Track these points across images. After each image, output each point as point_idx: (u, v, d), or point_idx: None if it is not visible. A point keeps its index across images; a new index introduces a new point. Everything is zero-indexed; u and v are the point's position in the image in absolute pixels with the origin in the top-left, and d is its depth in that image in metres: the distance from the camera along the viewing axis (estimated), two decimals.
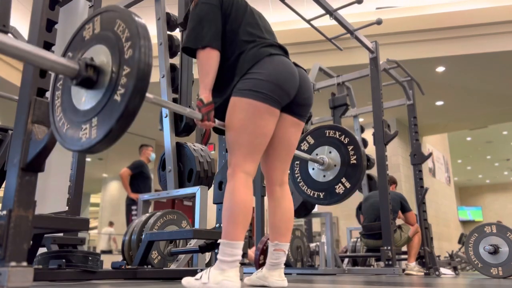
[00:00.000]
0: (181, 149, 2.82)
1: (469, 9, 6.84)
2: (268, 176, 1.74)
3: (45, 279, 1.70)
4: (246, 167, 1.55)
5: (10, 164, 1.24)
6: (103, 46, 1.04)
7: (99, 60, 1.03)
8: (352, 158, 2.26)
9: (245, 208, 1.50)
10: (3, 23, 1.94)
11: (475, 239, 3.45)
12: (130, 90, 0.93)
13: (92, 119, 0.99)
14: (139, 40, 0.95)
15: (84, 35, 1.12)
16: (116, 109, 0.94)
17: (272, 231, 1.71)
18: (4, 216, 1.15)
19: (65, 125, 1.07)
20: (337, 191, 2.27)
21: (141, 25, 0.98)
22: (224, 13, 1.68)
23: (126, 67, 0.95)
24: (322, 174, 2.34)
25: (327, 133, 2.36)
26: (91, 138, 0.97)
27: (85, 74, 1.00)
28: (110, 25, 1.05)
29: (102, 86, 1.00)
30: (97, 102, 0.99)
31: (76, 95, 1.07)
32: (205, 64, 1.58)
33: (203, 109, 1.53)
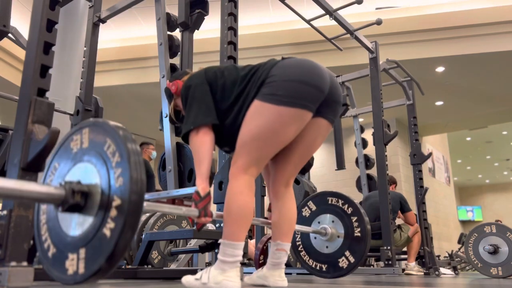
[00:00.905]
0: (181, 149, 2.82)
1: (469, 9, 6.84)
2: (276, 175, 1.69)
3: (45, 279, 1.70)
4: (251, 170, 1.51)
5: (10, 164, 1.24)
6: (91, 166, 0.96)
7: (87, 182, 0.95)
8: (356, 231, 2.17)
9: (247, 209, 1.48)
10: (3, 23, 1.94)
11: (475, 239, 3.46)
12: (120, 226, 0.85)
13: (80, 250, 0.91)
14: (130, 169, 0.87)
15: (71, 147, 1.03)
16: (106, 246, 0.86)
17: (274, 230, 1.69)
18: (5, 216, 1.15)
19: (51, 249, 0.99)
20: (340, 265, 2.17)
21: (133, 150, 0.90)
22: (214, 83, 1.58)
23: (116, 198, 0.88)
24: (325, 244, 2.23)
25: (329, 201, 2.26)
26: (78, 273, 0.90)
27: (72, 201, 0.92)
28: (100, 143, 0.96)
29: (91, 211, 0.92)
30: (86, 231, 0.91)
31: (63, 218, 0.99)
32: (198, 152, 1.49)
33: (200, 204, 1.43)
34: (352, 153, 5.86)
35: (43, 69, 1.36)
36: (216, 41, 2.72)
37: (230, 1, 2.46)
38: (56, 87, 3.84)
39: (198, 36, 3.12)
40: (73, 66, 4.31)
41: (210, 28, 4.37)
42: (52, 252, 0.99)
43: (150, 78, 7.24)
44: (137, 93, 8.13)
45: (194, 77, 1.62)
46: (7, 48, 6.81)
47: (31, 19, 1.43)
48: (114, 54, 7.59)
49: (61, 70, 4.08)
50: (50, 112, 1.32)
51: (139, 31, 7.39)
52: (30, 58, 1.37)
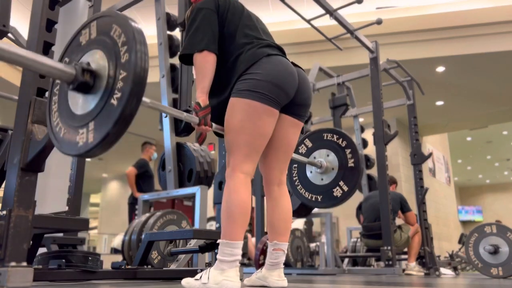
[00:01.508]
0: (181, 149, 2.82)
1: (469, 9, 6.84)
2: (266, 176, 1.74)
3: (45, 279, 1.70)
4: (244, 168, 1.55)
5: (10, 164, 1.24)
6: (99, 51, 1.04)
7: (95, 65, 1.03)
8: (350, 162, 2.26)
9: (244, 208, 1.50)
10: (3, 23, 1.94)
11: (475, 239, 3.45)
12: (126, 94, 0.93)
13: (89, 123, 0.99)
14: (135, 44, 0.96)
15: (80, 41, 1.13)
16: (113, 113, 0.94)
17: (270, 231, 1.71)
18: (4, 216, 1.15)
19: (62, 130, 1.07)
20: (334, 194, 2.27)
21: (137, 30, 0.99)
22: (221, 17, 1.68)
23: (123, 71, 0.96)
24: (320, 177, 2.34)
25: (325, 136, 2.36)
26: (88, 142, 0.97)
27: (81, 79, 1.01)
28: (107, 30, 1.05)
29: (99, 90, 1.00)
30: (94, 107, 1.00)
31: (73, 100, 1.07)
32: (202, 68, 1.58)
33: (200, 112, 1.53)
34: None
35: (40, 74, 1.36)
36: None
37: None
38: None
39: None
40: None
41: None
42: (63, 132, 1.06)
43: (150, 78, 7.14)
44: None
45: (209, 1, 1.69)
46: None
47: (31, 19, 1.43)
48: None
49: None
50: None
51: None
52: None
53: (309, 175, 2.37)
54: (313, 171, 2.34)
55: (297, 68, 1.69)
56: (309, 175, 2.37)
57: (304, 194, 2.37)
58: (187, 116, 1.55)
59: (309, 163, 2.31)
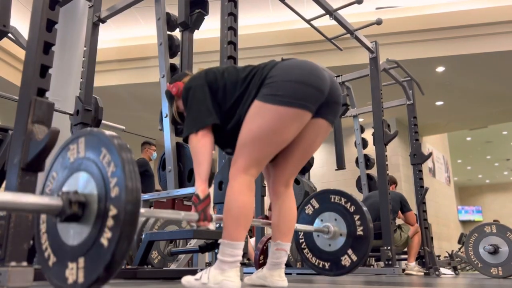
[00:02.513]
0: (181, 149, 2.82)
1: (469, 9, 6.84)
2: (276, 176, 1.70)
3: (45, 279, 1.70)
4: (251, 170, 1.51)
5: (10, 164, 1.24)
6: (88, 176, 0.98)
7: (84, 191, 0.97)
8: (359, 229, 2.16)
9: (247, 209, 1.48)
10: (3, 23, 1.94)
11: (475, 239, 3.45)
12: (117, 236, 0.86)
13: (79, 259, 0.93)
14: (125, 180, 0.89)
15: (68, 156, 1.05)
16: (103, 256, 0.88)
17: (274, 230, 1.69)
18: (4, 216, 1.15)
19: (51, 258, 1.01)
20: (343, 263, 2.18)
21: (128, 160, 0.92)
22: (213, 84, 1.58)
23: (113, 208, 0.89)
24: (328, 243, 2.23)
25: (332, 199, 2.26)
26: (78, 282, 0.92)
27: (69, 211, 0.94)
28: (95, 152, 0.98)
29: (89, 221, 0.93)
30: (84, 240, 0.93)
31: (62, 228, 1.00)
32: (199, 153, 1.50)
33: (199, 206, 1.44)
34: (352, 153, 5.86)
35: (43, 69, 1.36)
36: (216, 41, 2.72)
37: (230, 1, 2.46)
38: (56, 87, 3.83)
39: (198, 36, 3.12)
40: (73, 66, 4.30)
41: (210, 28, 4.36)
42: (52, 261, 1.00)
43: (150, 78, 7.24)
44: (137, 93, 8.13)
45: (194, 79, 1.62)
46: (7, 48, 6.81)
47: (31, 19, 1.43)
48: (114, 54, 7.58)
49: (61, 70, 4.08)
50: (50, 112, 1.32)
51: (139, 31, 7.39)
52: (30, 58, 1.37)
53: (316, 239, 2.28)
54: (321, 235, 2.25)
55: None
56: (316, 240, 2.28)
57: (311, 259, 2.27)
58: (185, 216, 1.45)
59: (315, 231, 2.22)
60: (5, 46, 6.69)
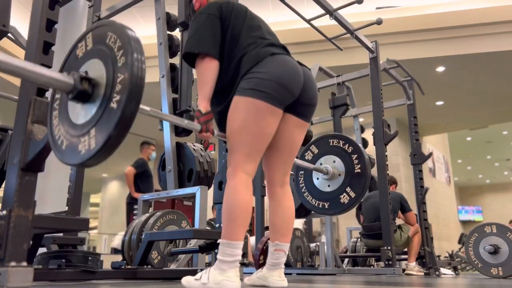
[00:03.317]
0: (181, 149, 2.82)
1: (469, 9, 6.84)
2: (270, 176, 1.73)
3: (45, 279, 1.70)
4: (246, 167, 1.54)
5: (10, 164, 1.24)
6: (96, 60, 1.05)
7: (93, 73, 1.03)
8: (356, 167, 2.22)
9: (245, 208, 1.49)
10: (3, 23, 1.94)
11: (475, 239, 3.45)
12: (125, 95, 0.93)
13: (90, 130, 0.98)
14: (131, 47, 0.96)
15: (77, 53, 1.13)
16: (113, 116, 0.94)
17: (272, 231, 1.70)
18: (4, 216, 1.15)
19: (64, 142, 1.06)
20: (342, 201, 2.24)
21: (131, 33, 0.99)
22: (224, 22, 1.67)
23: (120, 74, 0.96)
24: (327, 184, 2.30)
25: (330, 142, 2.33)
26: (90, 148, 0.96)
27: (80, 87, 1.01)
28: (102, 39, 1.05)
29: (98, 97, 1.00)
30: (94, 114, 0.99)
31: (73, 111, 1.07)
32: (204, 74, 1.57)
33: (202, 118, 1.52)
34: None
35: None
36: None
37: None
38: None
39: None
40: None
41: None
42: (65, 144, 1.05)
43: (150, 78, 7.18)
44: None
45: (211, 7, 1.68)
46: (6, 48, 6.81)
47: (30, 19, 1.43)
48: None
49: None
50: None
51: (139, 31, 7.39)
52: (30, 58, 1.37)
53: (315, 182, 2.34)
54: (320, 177, 2.30)
55: (303, 67, 1.67)
56: (316, 182, 2.33)
57: (311, 201, 2.33)
58: (188, 124, 1.54)
59: (315, 169, 2.27)
60: (5, 46, 6.69)
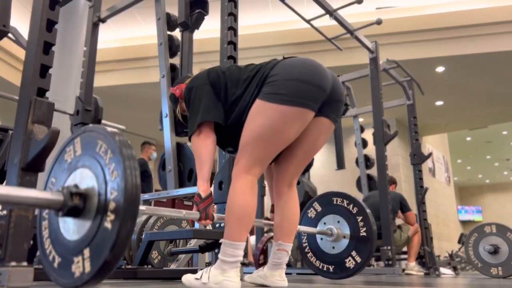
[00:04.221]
0: (181, 149, 2.82)
1: (469, 9, 6.84)
2: (279, 176, 1.69)
3: (45, 279, 1.70)
4: (253, 170, 1.50)
5: (10, 164, 1.24)
6: (86, 170, 0.98)
7: (84, 186, 0.97)
8: (362, 231, 2.17)
9: (249, 210, 1.48)
10: (3, 23, 1.94)
11: (475, 239, 3.45)
12: (120, 216, 0.87)
13: (84, 250, 0.92)
14: (123, 160, 0.90)
15: (66, 159, 1.06)
16: (108, 238, 0.87)
17: (276, 231, 1.69)
18: (5, 216, 1.15)
19: (56, 259, 1.00)
20: (347, 265, 2.17)
21: (123, 143, 0.94)
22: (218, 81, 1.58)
23: (113, 191, 0.90)
24: (331, 245, 2.22)
25: (334, 201, 2.26)
26: (85, 272, 0.90)
27: (71, 204, 0.94)
28: (91, 146, 0.99)
29: (90, 212, 0.93)
30: (87, 231, 0.93)
31: (64, 225, 1.00)
32: (200, 153, 1.51)
33: (201, 205, 1.46)
34: (352, 153, 5.86)
35: (43, 69, 1.36)
36: (216, 41, 2.72)
37: (230, 1, 2.46)
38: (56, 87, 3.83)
39: (198, 36, 3.12)
40: (73, 66, 4.30)
41: (210, 28, 4.36)
42: (57, 261, 0.99)
43: (150, 78, 7.24)
44: (137, 93, 8.13)
45: (196, 79, 1.62)
46: (7, 48, 6.81)
47: (31, 19, 1.43)
48: (114, 54, 7.58)
49: (61, 70, 4.08)
50: (50, 112, 1.32)
51: (139, 31, 7.38)
52: (30, 58, 1.37)
53: (319, 242, 2.27)
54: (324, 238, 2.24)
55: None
56: (320, 243, 2.27)
57: (315, 262, 2.26)
58: (186, 214, 1.48)
59: (318, 233, 2.22)
60: (5, 46, 6.69)
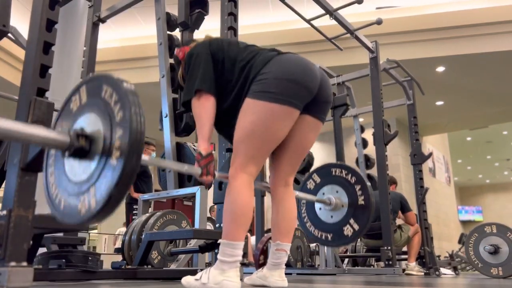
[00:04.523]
0: (181, 149, 2.82)
1: (469, 9, 6.84)
2: (274, 176, 1.71)
3: (45, 279, 1.70)
4: (249, 169, 1.52)
5: (10, 164, 1.24)
6: (92, 114, 1.00)
7: (90, 129, 0.99)
8: (360, 199, 2.19)
9: (246, 209, 1.48)
10: (3, 23, 1.93)
11: (475, 239, 3.45)
12: (126, 152, 0.88)
13: (90, 189, 0.94)
14: (129, 101, 0.93)
15: (71, 108, 1.09)
16: (114, 173, 0.89)
17: (274, 231, 1.70)
18: (4, 216, 1.15)
19: (62, 202, 1.02)
20: (345, 233, 2.20)
21: (128, 86, 0.96)
22: (217, 53, 1.61)
23: (119, 130, 0.91)
24: (330, 214, 2.25)
25: (333, 172, 2.28)
26: (91, 208, 0.92)
27: (77, 144, 0.96)
28: (97, 92, 1.02)
29: (96, 154, 0.95)
30: (93, 171, 0.95)
31: (70, 168, 1.02)
32: (200, 115, 1.53)
33: (202, 161, 1.48)
34: (352, 153, 5.86)
35: (43, 69, 1.36)
36: None
37: (230, 1, 2.46)
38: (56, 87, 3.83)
39: (198, 36, 3.12)
40: (73, 66, 4.30)
41: (210, 28, 4.36)
42: (63, 204, 1.02)
43: (150, 78, 7.24)
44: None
45: (198, 46, 1.65)
46: (7, 48, 6.81)
47: (31, 19, 1.43)
48: (114, 54, 7.58)
49: (61, 70, 4.08)
50: (50, 112, 1.32)
51: (139, 31, 7.39)
52: (30, 58, 1.37)
53: (318, 212, 2.28)
54: (322, 208, 2.26)
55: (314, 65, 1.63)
56: (319, 212, 2.28)
57: (313, 232, 2.29)
58: (188, 169, 1.50)
59: (317, 201, 2.24)
60: (5, 46, 6.69)
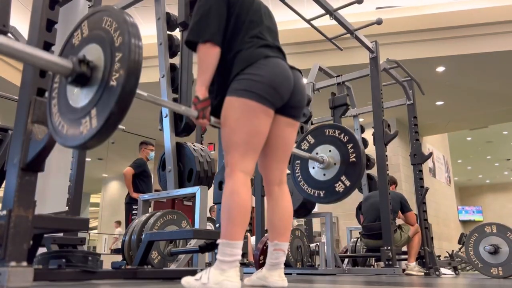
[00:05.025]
0: (181, 149, 2.82)
1: (469, 9, 6.84)
2: (266, 176, 1.74)
3: (45, 279, 1.70)
4: (243, 166, 1.54)
5: (10, 164, 1.24)
6: (93, 44, 1.06)
7: (91, 57, 1.05)
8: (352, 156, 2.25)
9: (244, 208, 1.49)
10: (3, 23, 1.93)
11: (475, 239, 3.45)
12: (125, 72, 0.94)
13: (91, 111, 0.99)
14: (127, 26, 0.98)
15: (73, 42, 1.15)
16: (113, 93, 0.95)
17: (271, 231, 1.70)
18: (4, 216, 1.15)
19: (65, 127, 1.07)
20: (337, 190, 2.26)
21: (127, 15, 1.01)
22: (230, 8, 1.67)
23: (118, 53, 0.97)
24: (323, 173, 2.34)
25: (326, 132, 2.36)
26: (92, 127, 0.97)
27: (79, 70, 1.02)
28: (98, 24, 1.07)
29: (97, 79, 1.01)
30: (94, 95, 1.00)
31: (72, 95, 1.07)
32: (205, 61, 1.57)
33: (199, 105, 1.53)
34: None
35: (40, 69, 1.36)
36: None
37: None
38: None
39: None
40: None
41: None
42: (66, 128, 1.06)
43: (150, 78, 7.23)
44: None
45: None
46: None
47: (31, 19, 1.43)
48: None
49: None
50: None
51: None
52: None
53: (311, 171, 2.37)
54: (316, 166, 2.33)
55: (294, 70, 1.69)
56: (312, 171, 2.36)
57: (307, 189, 2.36)
58: (185, 110, 1.56)
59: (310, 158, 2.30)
60: None
